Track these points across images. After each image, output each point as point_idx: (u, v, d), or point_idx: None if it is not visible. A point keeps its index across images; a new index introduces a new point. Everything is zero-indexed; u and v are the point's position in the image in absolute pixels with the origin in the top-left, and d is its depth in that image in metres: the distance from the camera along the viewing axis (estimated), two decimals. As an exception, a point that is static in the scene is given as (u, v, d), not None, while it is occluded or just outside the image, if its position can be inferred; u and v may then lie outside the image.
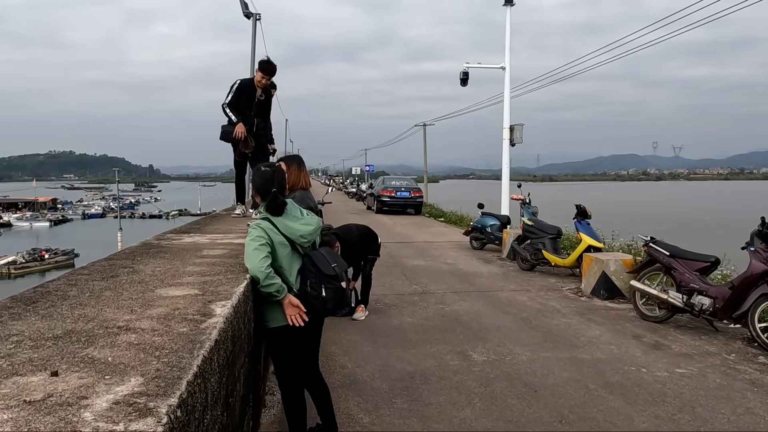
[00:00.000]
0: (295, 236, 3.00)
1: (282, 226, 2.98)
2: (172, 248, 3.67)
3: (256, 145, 5.97)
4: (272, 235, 2.94)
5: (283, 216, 3.01)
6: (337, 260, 3.11)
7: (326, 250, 3.17)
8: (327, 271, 2.99)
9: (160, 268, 2.90)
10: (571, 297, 7.59)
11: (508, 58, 15.42)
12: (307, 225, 3.09)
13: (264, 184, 3.06)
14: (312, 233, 3.10)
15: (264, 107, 6.05)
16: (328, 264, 3.03)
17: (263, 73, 5.80)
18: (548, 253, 9.10)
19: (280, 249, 2.96)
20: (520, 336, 5.72)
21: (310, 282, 2.99)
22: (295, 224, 3.03)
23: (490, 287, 8.23)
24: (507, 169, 15.74)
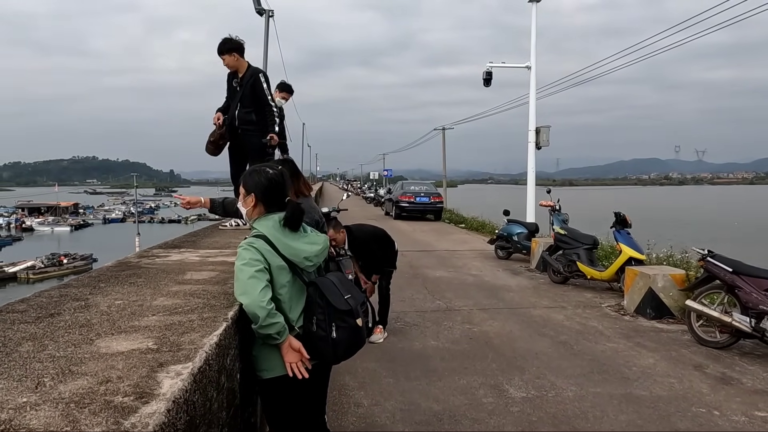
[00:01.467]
0: (298, 258, 2.33)
1: (282, 246, 2.31)
2: (151, 269, 3.03)
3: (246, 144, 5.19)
4: (270, 257, 2.27)
5: (281, 233, 2.35)
6: (351, 290, 2.43)
7: (337, 276, 2.49)
8: (339, 304, 2.32)
9: (121, 301, 2.26)
10: (612, 315, 6.81)
11: (533, 57, 14.66)
12: (313, 244, 2.42)
13: (271, 188, 2.39)
14: (319, 254, 2.43)
15: (248, 96, 5.13)
16: (339, 295, 2.35)
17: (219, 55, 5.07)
18: (583, 265, 8.32)
19: (279, 275, 2.29)
20: (561, 365, 4.98)
21: (317, 319, 2.32)
22: (297, 243, 2.36)
23: (520, 303, 7.48)
24: (533, 174, 14.96)
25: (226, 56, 5.04)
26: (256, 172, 2.48)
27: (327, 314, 2.31)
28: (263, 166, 2.52)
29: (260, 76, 5.21)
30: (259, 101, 5.19)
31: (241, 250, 2.29)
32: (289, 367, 2.26)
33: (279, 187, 2.44)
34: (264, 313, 2.13)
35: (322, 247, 2.47)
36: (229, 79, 5.18)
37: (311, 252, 2.39)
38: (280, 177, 2.47)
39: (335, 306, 2.31)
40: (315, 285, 2.37)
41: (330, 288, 2.36)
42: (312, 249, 2.40)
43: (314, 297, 2.34)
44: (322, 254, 2.47)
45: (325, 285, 2.37)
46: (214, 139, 5.06)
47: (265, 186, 2.41)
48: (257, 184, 2.43)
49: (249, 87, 5.13)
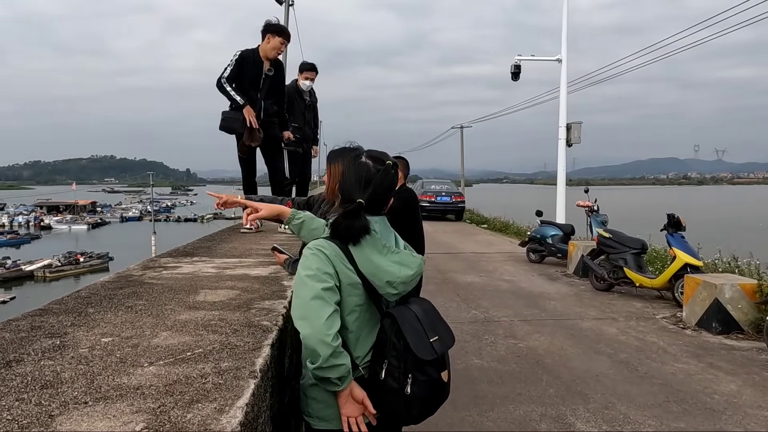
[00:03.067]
0: (379, 281, 1.72)
1: (362, 261, 1.72)
2: (156, 287, 2.44)
3: (268, 138, 4.66)
4: (342, 270, 1.70)
5: (364, 244, 1.75)
6: (438, 328, 1.78)
7: (423, 307, 1.83)
8: (421, 350, 1.68)
9: (109, 339, 1.66)
10: (671, 329, 6.11)
11: (564, 49, 13.92)
12: (403, 266, 1.76)
13: (357, 182, 1.80)
14: (408, 281, 1.76)
15: (275, 86, 4.65)
16: (423, 335, 1.71)
17: (280, 36, 4.41)
18: (631, 271, 7.61)
19: (349, 296, 1.72)
20: (629, 390, 4.31)
21: (388, 364, 1.70)
22: (383, 260, 1.74)
23: (565, 313, 6.80)
24: (563, 172, 14.24)
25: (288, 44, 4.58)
26: (352, 156, 1.89)
27: (403, 361, 1.68)
28: (363, 155, 1.87)
29: (284, 68, 4.83)
30: (282, 94, 4.85)
31: (308, 255, 1.72)
32: (346, 423, 1.66)
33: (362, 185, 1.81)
34: (327, 351, 1.57)
35: (415, 272, 1.77)
36: (249, 62, 4.51)
37: (399, 276, 1.73)
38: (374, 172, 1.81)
39: (415, 352, 1.67)
40: (392, 318, 1.73)
41: (412, 325, 1.71)
42: (400, 272, 1.74)
43: (389, 334, 1.72)
44: (413, 281, 1.78)
45: (405, 320, 1.72)
46: (256, 144, 4.48)
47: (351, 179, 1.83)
48: (345, 170, 1.88)
49: (279, 80, 4.73)
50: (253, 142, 4.45)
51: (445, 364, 1.76)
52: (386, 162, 1.85)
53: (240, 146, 4.52)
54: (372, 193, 1.79)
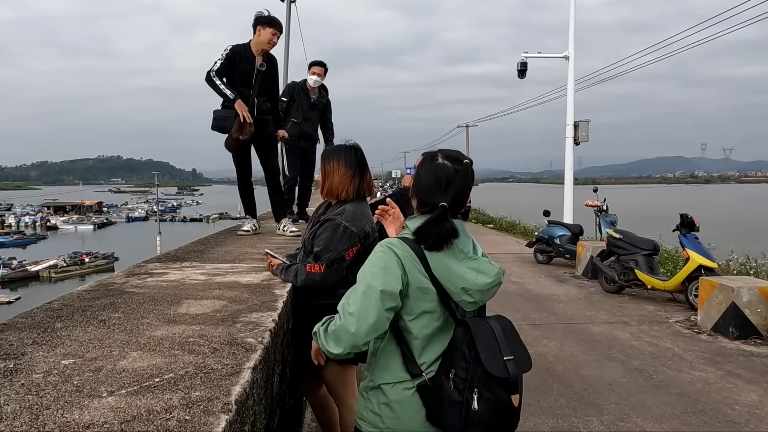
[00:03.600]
0: (454, 287, 1.65)
1: (437, 265, 1.65)
2: (136, 296, 2.25)
3: (262, 136, 4.44)
4: (412, 272, 1.63)
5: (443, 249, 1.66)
6: (516, 349, 1.63)
7: (503, 324, 1.67)
8: (492, 366, 1.55)
9: (71, 360, 1.46)
10: (685, 333, 5.89)
11: (572, 46, 13.68)
12: (481, 273, 1.66)
13: (437, 185, 1.69)
14: (485, 290, 1.67)
15: (268, 82, 4.43)
16: (497, 352, 1.58)
17: (271, 27, 4.20)
18: (643, 273, 7.38)
19: (417, 300, 1.65)
20: (644, 400, 4.10)
21: (455, 375, 1.58)
22: (459, 266, 1.66)
23: (575, 317, 6.58)
24: (570, 171, 14.02)
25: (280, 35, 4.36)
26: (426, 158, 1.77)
27: (471, 373, 1.56)
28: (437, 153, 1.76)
29: (277, 63, 4.60)
30: (275, 90, 4.65)
31: (378, 252, 1.68)
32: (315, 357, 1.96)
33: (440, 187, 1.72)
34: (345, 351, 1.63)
35: (493, 281, 1.68)
36: (240, 57, 4.28)
37: (475, 284, 1.64)
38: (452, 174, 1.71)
39: (485, 366, 1.54)
40: (466, 327, 1.62)
41: (487, 338, 1.59)
42: (477, 280, 1.65)
43: (460, 343, 1.61)
44: (490, 291, 1.69)
45: (480, 332, 1.60)
46: (245, 138, 4.24)
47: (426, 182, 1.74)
48: (419, 174, 1.77)
49: (271, 75, 4.50)
50: (242, 135, 4.18)
51: (517, 388, 1.59)
52: (464, 161, 1.73)
53: (227, 140, 4.27)
54: (454, 195, 1.68)
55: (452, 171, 1.69)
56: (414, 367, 1.65)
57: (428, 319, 1.65)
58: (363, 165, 2.66)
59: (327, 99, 6.38)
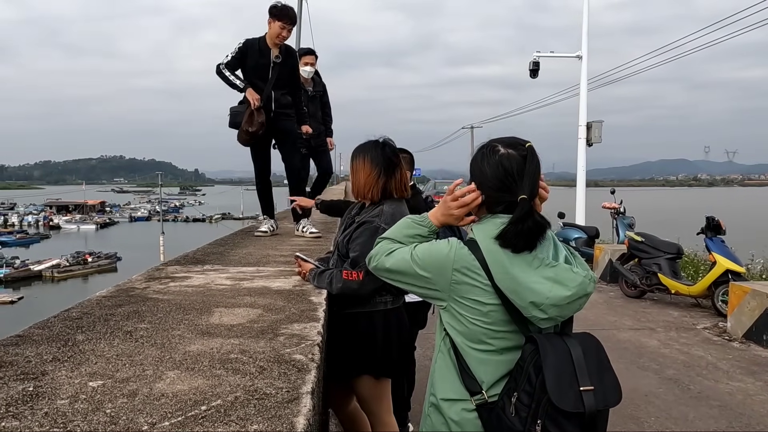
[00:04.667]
0: (522, 301, 1.39)
1: (499, 271, 1.41)
2: (162, 303, 2.05)
3: (281, 131, 4.25)
4: (464, 279, 1.45)
5: (506, 254, 1.43)
6: (598, 378, 1.34)
7: (584, 344, 1.39)
8: (558, 396, 1.28)
9: (99, 382, 1.26)
10: (716, 341, 5.66)
11: (585, 45, 13.45)
12: (557, 283, 1.40)
13: (507, 177, 1.47)
14: (564, 303, 1.40)
15: (286, 75, 4.20)
16: (571, 380, 1.31)
17: (280, 20, 3.99)
18: (666, 277, 7.15)
19: (479, 315, 1.45)
20: (685, 413, 3.88)
21: (518, 399, 1.34)
22: (530, 275, 1.40)
23: (598, 323, 6.37)
24: (583, 173, 13.75)
25: (293, 28, 4.14)
26: (482, 152, 1.54)
27: (536, 401, 1.31)
28: (495, 144, 1.53)
29: (296, 55, 4.44)
30: (294, 85, 4.37)
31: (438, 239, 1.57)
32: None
33: (511, 179, 1.48)
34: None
35: (574, 293, 1.40)
36: (254, 50, 4.11)
37: (548, 297, 1.38)
38: (519, 162, 1.48)
39: (550, 395, 1.29)
40: (534, 343, 1.37)
41: (559, 362, 1.32)
42: (552, 293, 1.38)
43: (527, 363, 1.36)
44: (571, 305, 1.42)
45: (551, 352, 1.34)
46: (255, 129, 4.04)
47: (482, 172, 1.51)
48: (482, 171, 1.52)
49: (289, 67, 4.26)
50: (251, 126, 4.00)
51: (595, 426, 1.32)
52: (526, 144, 1.51)
53: (239, 134, 4.10)
54: (530, 186, 1.45)
55: (520, 159, 1.47)
56: (472, 383, 1.44)
57: (493, 341, 1.44)
58: (391, 163, 2.44)
59: (322, 84, 6.12)
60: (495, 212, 1.50)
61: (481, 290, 1.43)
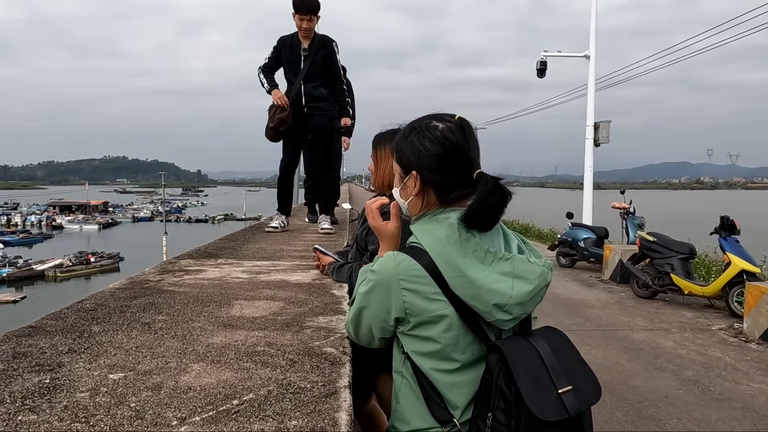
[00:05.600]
0: (484, 305, 1.21)
1: (454, 277, 1.22)
2: (179, 295, 1.96)
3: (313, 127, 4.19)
4: (417, 299, 1.24)
5: (459, 249, 1.23)
6: (573, 375, 1.19)
7: (549, 340, 1.25)
8: (539, 406, 1.12)
9: (120, 374, 1.17)
10: (733, 342, 5.56)
11: (593, 45, 13.37)
12: (518, 278, 1.22)
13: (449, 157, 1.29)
14: (527, 299, 1.23)
15: (318, 66, 4.10)
16: (548, 384, 1.15)
17: (298, 13, 3.94)
18: (679, 277, 7.05)
19: (431, 333, 1.25)
20: (708, 415, 3.78)
21: (494, 419, 1.15)
22: (487, 274, 1.22)
23: (611, 323, 6.26)
24: (590, 173, 13.69)
25: (315, 17, 4.00)
26: (418, 131, 1.32)
27: (514, 417, 1.14)
28: (428, 120, 1.34)
29: (334, 45, 4.18)
30: (331, 75, 4.21)
31: (369, 274, 1.32)
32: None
33: (461, 152, 1.29)
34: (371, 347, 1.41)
35: (536, 286, 1.24)
36: (285, 46, 4.10)
37: (512, 296, 1.21)
38: (461, 134, 1.30)
39: (530, 407, 1.12)
40: (498, 352, 1.19)
41: (530, 367, 1.16)
42: (514, 290, 1.21)
43: (495, 377, 1.17)
44: (533, 300, 1.25)
45: (519, 359, 1.17)
46: (274, 125, 4.00)
47: (438, 154, 1.29)
48: (417, 152, 1.31)
49: (321, 57, 4.12)
50: (271, 122, 3.99)
51: (582, 427, 1.17)
52: (455, 116, 1.33)
53: (268, 130, 4.09)
54: (478, 159, 1.31)
55: (458, 130, 1.29)
56: (441, 412, 1.25)
57: (450, 350, 1.25)
58: None
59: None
60: (447, 201, 1.31)
61: (432, 301, 1.24)
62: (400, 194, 1.39)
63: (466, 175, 1.29)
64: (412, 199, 1.35)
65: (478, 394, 1.23)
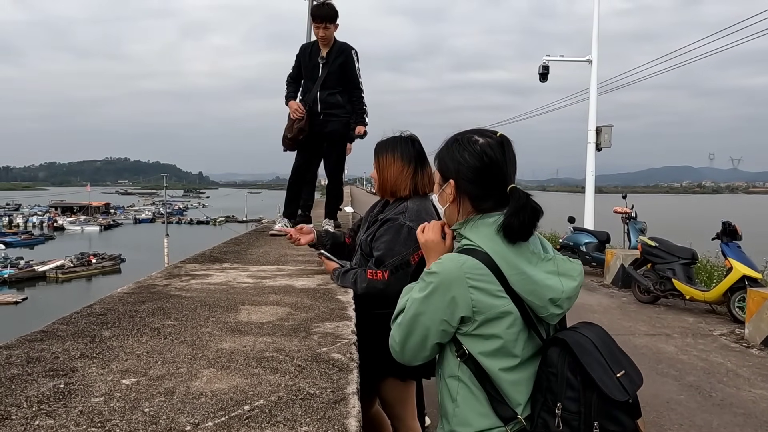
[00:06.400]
0: (540, 300, 1.29)
1: (514, 274, 1.29)
2: (186, 300, 1.99)
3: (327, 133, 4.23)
4: (482, 296, 1.27)
5: (512, 250, 1.31)
6: (622, 360, 1.29)
7: (595, 331, 1.33)
8: (609, 387, 1.20)
9: (132, 380, 1.20)
10: (735, 348, 5.57)
11: (595, 49, 13.39)
12: (564, 276, 1.32)
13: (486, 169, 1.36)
14: (574, 295, 1.34)
15: (335, 73, 4.12)
16: (606, 368, 1.23)
17: (314, 21, 4.01)
18: (680, 282, 7.06)
19: (494, 331, 1.29)
20: (709, 421, 3.79)
21: (564, 409, 1.23)
22: (540, 273, 1.31)
23: (613, 328, 6.27)
24: (592, 177, 13.69)
25: (331, 26, 4.04)
26: (459, 144, 1.40)
27: (585, 404, 1.21)
28: (470, 134, 1.41)
29: (353, 53, 4.19)
30: (349, 83, 4.22)
31: (431, 275, 1.32)
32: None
33: (498, 167, 1.37)
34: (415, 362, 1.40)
35: (579, 283, 1.35)
36: (305, 54, 4.18)
37: (563, 291, 1.30)
38: (500, 150, 1.38)
39: (603, 390, 1.20)
40: (563, 344, 1.26)
41: (590, 353, 1.24)
42: (565, 286, 1.31)
43: (560, 367, 1.25)
44: (576, 296, 1.35)
45: (581, 347, 1.24)
46: (293, 135, 4.07)
47: (476, 167, 1.36)
48: (456, 162, 1.38)
49: (338, 65, 4.15)
50: (289, 132, 4.07)
51: (640, 409, 1.26)
52: (496, 133, 1.42)
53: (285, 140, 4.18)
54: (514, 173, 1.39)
55: (498, 146, 1.37)
56: (505, 410, 1.29)
57: (513, 350, 1.30)
58: (422, 158, 2.39)
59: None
60: (481, 210, 1.37)
61: (497, 298, 1.29)
62: (438, 200, 1.47)
63: (500, 188, 1.36)
64: (449, 206, 1.42)
65: (540, 388, 1.28)
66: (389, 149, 2.41)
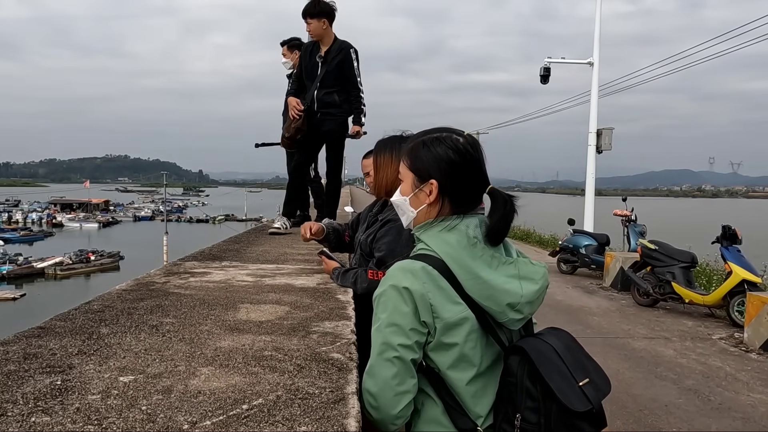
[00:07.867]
0: (497, 305, 1.25)
1: (469, 281, 1.25)
2: (185, 298, 1.98)
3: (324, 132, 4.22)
4: (438, 304, 1.24)
5: (470, 254, 1.27)
6: (586, 369, 1.25)
7: (560, 337, 1.30)
8: (568, 397, 1.16)
9: (130, 377, 1.18)
10: (733, 352, 5.56)
11: (597, 52, 13.41)
12: (525, 279, 1.28)
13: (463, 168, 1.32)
14: (535, 299, 1.29)
15: (331, 72, 4.08)
16: (568, 376, 1.20)
17: (304, 18, 4.01)
18: (680, 286, 7.06)
19: (451, 334, 1.25)
20: (708, 425, 3.79)
21: (523, 419, 1.20)
22: (496, 276, 1.27)
23: (612, 331, 6.27)
24: (592, 180, 13.72)
25: (313, 21, 3.98)
26: (438, 141, 1.34)
27: (544, 414, 1.18)
28: (447, 132, 1.37)
29: (351, 52, 4.14)
30: (347, 81, 4.17)
31: (382, 292, 1.29)
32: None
33: (476, 166, 1.33)
34: (393, 411, 1.25)
35: (541, 286, 1.29)
36: (306, 53, 4.17)
37: (522, 295, 1.26)
38: (475, 150, 1.34)
39: (562, 400, 1.16)
40: (522, 353, 1.23)
41: (552, 363, 1.21)
42: (524, 290, 1.26)
43: (519, 377, 1.22)
44: (539, 300, 1.30)
45: (541, 356, 1.21)
46: (290, 134, 4.06)
47: (454, 163, 1.31)
48: (440, 161, 1.32)
49: (335, 64, 4.10)
50: (287, 131, 4.06)
51: (604, 418, 1.21)
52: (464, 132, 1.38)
53: (284, 139, 4.16)
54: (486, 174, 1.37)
55: (476, 145, 1.35)
56: (465, 421, 1.26)
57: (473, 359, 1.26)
58: None
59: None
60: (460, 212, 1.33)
61: (456, 304, 1.25)
62: (410, 202, 1.39)
63: (480, 186, 1.34)
64: (426, 207, 1.36)
65: (501, 398, 1.26)
66: (387, 149, 2.39)
